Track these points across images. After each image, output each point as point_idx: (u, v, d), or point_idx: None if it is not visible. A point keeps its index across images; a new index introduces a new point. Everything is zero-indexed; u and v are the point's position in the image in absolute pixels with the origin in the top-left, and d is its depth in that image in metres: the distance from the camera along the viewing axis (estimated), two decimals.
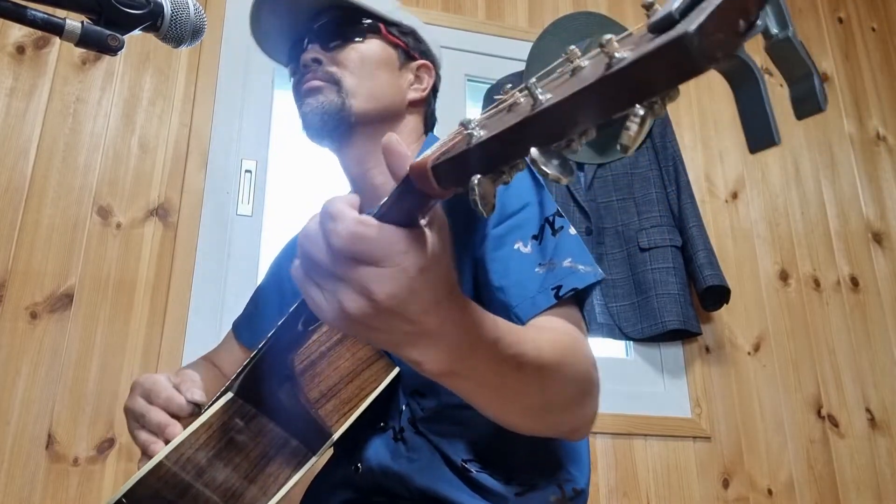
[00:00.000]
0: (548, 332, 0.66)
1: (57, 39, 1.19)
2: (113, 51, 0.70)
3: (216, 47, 1.93)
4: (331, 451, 0.92)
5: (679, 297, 1.88)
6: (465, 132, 0.38)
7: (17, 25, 1.08)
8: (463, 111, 2.09)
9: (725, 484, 1.92)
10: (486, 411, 0.61)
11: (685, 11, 0.29)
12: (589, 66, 0.33)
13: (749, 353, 2.09)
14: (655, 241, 1.95)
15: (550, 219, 0.84)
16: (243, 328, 1.15)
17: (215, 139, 1.86)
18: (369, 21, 0.98)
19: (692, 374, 2.01)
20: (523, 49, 2.09)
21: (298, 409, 0.74)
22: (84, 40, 0.68)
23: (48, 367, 1.56)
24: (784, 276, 2.22)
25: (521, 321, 0.75)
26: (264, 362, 0.71)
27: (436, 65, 1.06)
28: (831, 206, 2.36)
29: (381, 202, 0.46)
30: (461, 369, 0.52)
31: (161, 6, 0.73)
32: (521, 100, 0.36)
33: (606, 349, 2.00)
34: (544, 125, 0.33)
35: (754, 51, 0.32)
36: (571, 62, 0.34)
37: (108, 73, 1.84)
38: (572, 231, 0.85)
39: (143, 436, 0.76)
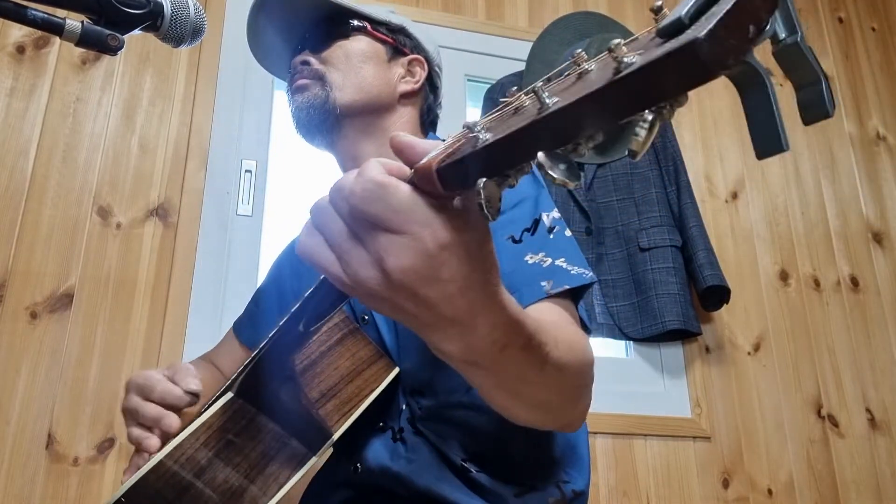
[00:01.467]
0: (563, 332, 0.64)
1: (57, 39, 1.19)
2: (113, 51, 0.70)
3: (216, 47, 1.93)
4: (330, 451, 0.92)
5: (679, 297, 1.88)
6: (471, 135, 0.37)
7: (17, 25, 1.08)
8: (463, 111, 2.09)
9: (725, 484, 1.92)
10: (493, 402, 0.60)
11: (695, 16, 0.28)
12: (596, 70, 0.32)
13: (749, 353, 2.09)
14: (655, 241, 1.95)
15: (546, 216, 0.83)
16: (244, 327, 1.15)
17: (215, 139, 1.86)
18: (355, 21, 1.01)
19: (692, 374, 2.01)
20: (523, 49, 2.09)
21: (299, 409, 0.74)
22: (84, 40, 0.68)
23: (48, 367, 1.56)
24: (784, 276, 2.22)
25: None
26: (265, 362, 0.71)
27: (430, 60, 1.07)
28: (831, 206, 2.36)
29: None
30: (485, 362, 0.49)
31: (161, 6, 0.73)
32: (527, 103, 0.36)
33: (606, 349, 2.00)
34: (551, 129, 0.33)
35: (760, 54, 0.32)
36: (578, 65, 0.34)
37: (108, 73, 1.84)
38: (568, 233, 0.85)
39: (136, 431, 0.76)
